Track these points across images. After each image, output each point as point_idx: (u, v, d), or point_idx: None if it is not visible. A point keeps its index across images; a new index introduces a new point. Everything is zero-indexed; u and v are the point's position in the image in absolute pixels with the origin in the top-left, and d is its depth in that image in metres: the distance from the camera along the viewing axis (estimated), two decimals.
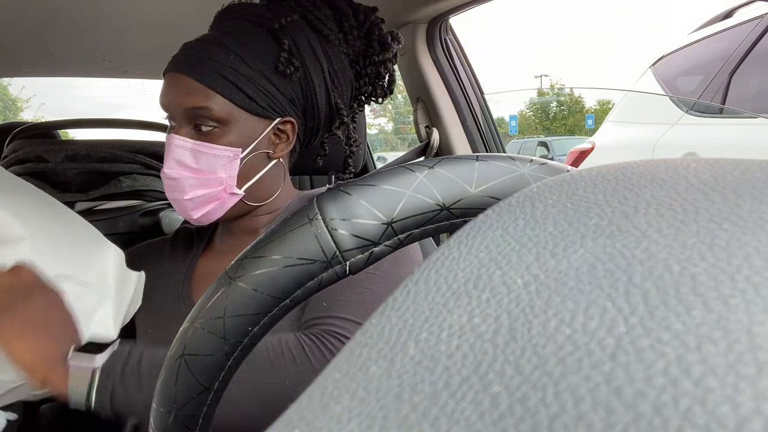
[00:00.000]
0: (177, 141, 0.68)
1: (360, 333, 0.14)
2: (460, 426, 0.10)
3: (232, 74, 0.67)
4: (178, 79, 0.68)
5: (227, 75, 0.67)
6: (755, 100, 2.15)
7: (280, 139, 0.74)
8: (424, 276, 0.15)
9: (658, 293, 0.10)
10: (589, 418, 0.09)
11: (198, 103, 0.67)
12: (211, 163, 0.68)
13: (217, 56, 0.67)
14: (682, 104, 2.44)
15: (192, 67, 0.67)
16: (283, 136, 0.74)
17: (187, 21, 1.17)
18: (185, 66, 0.67)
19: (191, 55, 0.68)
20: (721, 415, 0.08)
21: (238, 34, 0.69)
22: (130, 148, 1.53)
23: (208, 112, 0.67)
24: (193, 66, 0.67)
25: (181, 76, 0.67)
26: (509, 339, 0.11)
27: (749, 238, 0.11)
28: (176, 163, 0.68)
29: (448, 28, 1.23)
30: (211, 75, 0.67)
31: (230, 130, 0.68)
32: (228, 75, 0.67)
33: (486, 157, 0.28)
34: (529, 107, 25.36)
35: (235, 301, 0.27)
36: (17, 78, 1.86)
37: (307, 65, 0.71)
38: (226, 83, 0.67)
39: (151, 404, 0.30)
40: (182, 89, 0.67)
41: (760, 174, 0.14)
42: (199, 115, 0.67)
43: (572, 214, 0.14)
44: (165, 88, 0.69)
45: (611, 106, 6.50)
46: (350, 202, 0.27)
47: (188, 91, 0.67)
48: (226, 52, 0.67)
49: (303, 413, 0.13)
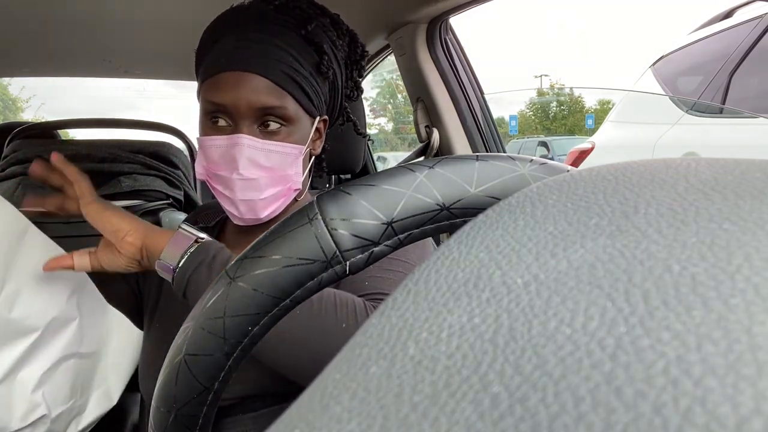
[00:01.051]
0: (248, 141, 0.68)
1: (360, 333, 0.14)
2: (460, 426, 0.10)
3: (296, 75, 0.69)
4: (248, 78, 0.68)
5: (293, 75, 0.69)
6: (755, 100, 2.15)
7: (316, 136, 0.78)
8: (424, 276, 0.15)
9: (658, 293, 0.10)
10: (589, 418, 0.09)
11: (273, 102, 0.68)
12: (282, 160, 0.70)
13: (281, 57, 0.69)
14: (682, 104, 2.44)
15: (265, 66, 0.68)
16: (317, 133, 0.78)
17: (188, 21, 1.17)
18: (256, 65, 0.68)
19: (258, 55, 0.68)
20: (721, 415, 0.08)
21: (282, 36, 0.70)
22: (130, 148, 1.53)
23: (282, 111, 0.69)
24: (265, 66, 0.68)
25: (252, 76, 0.67)
26: (509, 339, 0.11)
27: (749, 238, 0.11)
28: (250, 163, 0.69)
29: (448, 28, 1.23)
30: (281, 75, 0.68)
31: (295, 128, 0.71)
32: (294, 75, 0.69)
33: (486, 157, 0.28)
34: (529, 107, 25.36)
35: (235, 301, 0.27)
36: (17, 78, 1.86)
37: (333, 67, 0.74)
38: (294, 84, 0.69)
39: (152, 404, 0.30)
40: (255, 88, 0.67)
41: (760, 174, 0.14)
42: (270, 114, 0.69)
43: (572, 214, 0.14)
44: (229, 87, 0.68)
45: (611, 106, 6.50)
46: (350, 202, 0.27)
47: (263, 90, 0.68)
48: (286, 53, 0.69)
49: (303, 413, 0.13)
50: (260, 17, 0.72)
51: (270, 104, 0.68)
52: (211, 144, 0.69)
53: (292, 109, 0.69)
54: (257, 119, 0.69)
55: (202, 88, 0.71)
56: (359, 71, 0.84)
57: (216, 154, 0.69)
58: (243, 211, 0.71)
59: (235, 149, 0.68)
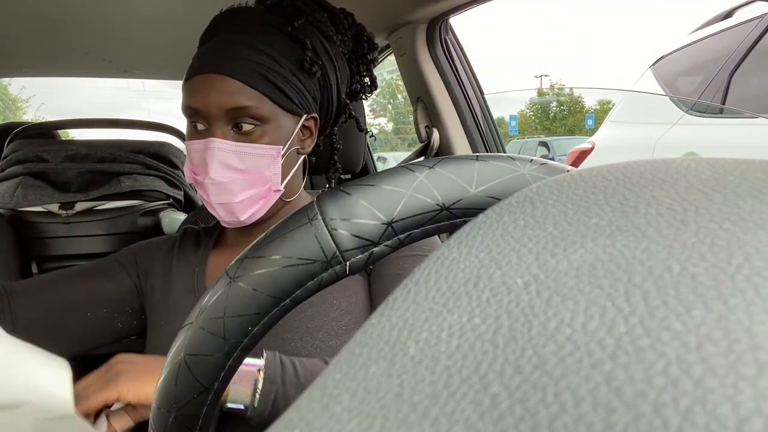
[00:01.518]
0: (219, 144, 0.67)
1: (360, 333, 0.14)
2: (460, 426, 0.10)
3: (270, 73, 0.68)
4: (216, 79, 0.67)
5: (266, 74, 0.68)
6: (755, 100, 2.15)
7: (305, 135, 0.77)
8: (424, 276, 0.15)
9: (658, 293, 0.10)
10: (589, 418, 0.09)
11: (242, 102, 0.67)
12: (257, 162, 0.69)
13: (253, 56, 0.68)
14: (682, 104, 2.44)
15: (233, 67, 0.67)
16: (306, 132, 0.77)
17: (187, 21, 1.17)
18: (224, 67, 0.67)
19: (228, 56, 0.68)
20: (721, 415, 0.08)
21: (259, 35, 0.70)
22: (130, 148, 1.53)
23: (253, 111, 0.68)
24: (233, 66, 0.67)
25: (220, 77, 0.67)
26: (509, 339, 0.11)
27: (749, 238, 0.11)
28: (222, 166, 0.68)
29: (448, 28, 1.23)
30: (252, 75, 0.68)
31: (271, 128, 0.70)
32: (267, 74, 0.68)
33: (486, 157, 0.28)
34: (529, 107, 25.36)
35: (235, 301, 0.27)
36: (17, 78, 1.86)
37: (324, 64, 0.74)
38: (267, 82, 0.68)
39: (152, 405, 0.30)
40: (224, 90, 0.67)
41: (760, 174, 0.14)
42: (242, 115, 0.68)
43: (572, 214, 0.14)
44: (200, 89, 0.68)
45: (611, 106, 6.49)
46: (350, 202, 0.27)
47: (231, 91, 0.67)
48: (259, 53, 0.68)
49: (303, 413, 0.13)
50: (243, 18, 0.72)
51: (240, 104, 0.67)
52: (192, 148, 0.70)
53: (266, 109, 0.68)
54: (230, 120, 0.68)
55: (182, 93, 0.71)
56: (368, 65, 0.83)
57: (196, 158, 0.70)
58: (222, 214, 0.71)
59: (207, 153, 0.68)
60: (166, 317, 0.76)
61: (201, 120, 0.69)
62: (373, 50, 0.83)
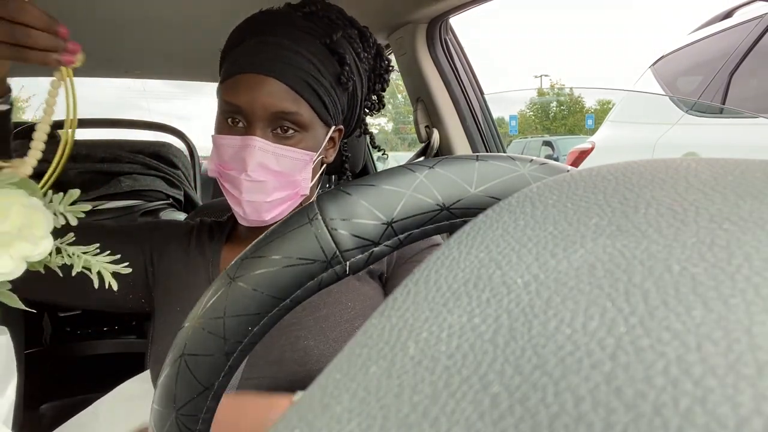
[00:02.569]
0: (260, 143, 0.69)
1: (360, 333, 0.14)
2: (460, 426, 0.10)
3: (315, 82, 0.70)
4: (265, 81, 0.68)
5: (311, 83, 0.70)
6: (755, 100, 2.15)
7: (329, 145, 0.79)
8: (424, 276, 0.15)
9: (658, 293, 0.10)
10: (589, 418, 0.09)
11: (289, 107, 0.69)
12: (292, 165, 0.71)
13: (300, 63, 0.69)
14: (682, 104, 2.44)
15: (283, 71, 0.68)
16: (331, 142, 0.79)
17: (188, 21, 1.17)
18: (275, 70, 0.68)
19: (277, 59, 0.69)
20: (721, 415, 0.08)
21: (305, 43, 0.71)
22: (130, 148, 1.53)
23: (296, 117, 0.69)
24: (284, 71, 0.68)
25: (269, 79, 0.68)
26: (509, 339, 0.11)
27: (749, 238, 0.11)
28: (259, 166, 0.69)
29: (448, 28, 1.23)
30: (299, 82, 0.69)
31: (307, 135, 0.72)
32: (312, 83, 0.70)
33: (486, 157, 0.28)
34: (529, 107, 25.36)
35: (235, 301, 0.27)
36: (17, 78, 1.86)
37: (355, 80, 0.76)
38: (311, 91, 0.70)
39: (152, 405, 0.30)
40: (272, 92, 0.68)
41: (760, 174, 0.14)
42: (285, 119, 0.69)
43: (572, 214, 0.14)
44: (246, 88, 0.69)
45: (611, 106, 6.47)
46: (350, 202, 0.27)
47: (279, 95, 0.68)
48: (306, 60, 0.70)
49: (303, 413, 0.13)
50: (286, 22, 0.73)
51: (285, 109, 0.69)
52: (224, 143, 0.70)
53: (306, 116, 0.70)
54: (271, 123, 0.70)
55: (221, 88, 0.71)
56: (382, 84, 0.85)
57: (228, 153, 0.70)
58: (248, 212, 0.72)
59: (246, 150, 0.68)
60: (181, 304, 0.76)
61: (240, 117, 0.70)
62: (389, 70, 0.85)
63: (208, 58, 1.50)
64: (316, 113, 0.71)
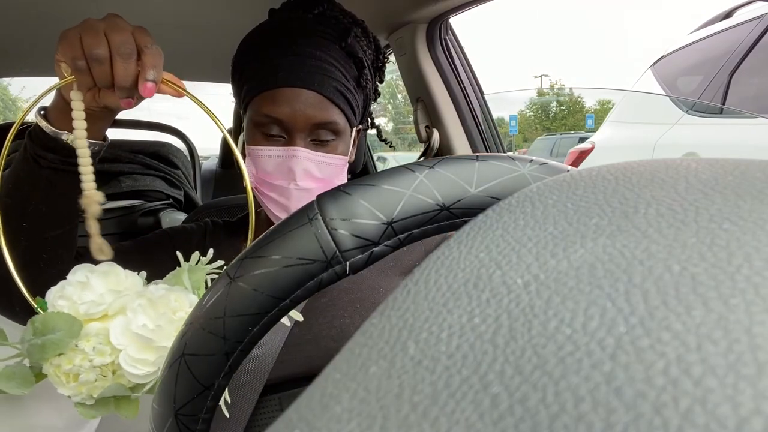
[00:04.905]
0: (304, 153, 0.71)
1: (360, 333, 0.14)
2: (460, 426, 0.10)
3: (344, 89, 0.73)
4: (304, 94, 0.71)
5: (343, 91, 0.72)
6: (755, 100, 2.15)
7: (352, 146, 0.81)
8: (424, 276, 0.15)
9: (658, 293, 0.10)
10: (589, 418, 0.09)
11: (328, 117, 0.71)
12: (331, 171, 0.74)
13: (333, 73, 0.72)
14: (682, 104, 2.44)
15: (320, 83, 0.71)
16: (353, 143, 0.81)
17: (188, 22, 1.17)
18: (313, 82, 0.71)
19: (313, 72, 0.71)
20: (721, 415, 0.08)
21: (329, 50, 0.73)
22: (129, 148, 1.53)
23: (334, 126, 0.72)
24: (321, 82, 0.71)
25: (307, 92, 0.71)
26: (509, 339, 0.11)
27: (749, 238, 0.11)
28: (306, 174, 0.72)
29: (448, 28, 1.23)
30: (335, 91, 0.72)
31: (342, 140, 0.75)
32: (343, 91, 0.72)
33: (486, 157, 0.28)
34: (529, 107, 25.36)
35: (235, 301, 0.27)
36: (17, 78, 1.86)
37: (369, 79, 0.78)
38: (344, 99, 0.73)
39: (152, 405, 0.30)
40: (312, 104, 0.71)
41: (760, 174, 0.14)
42: (325, 128, 0.72)
43: (572, 214, 0.14)
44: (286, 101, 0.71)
45: (611, 106, 6.49)
46: (350, 202, 0.27)
47: (319, 106, 0.71)
48: (336, 69, 0.72)
49: (303, 413, 0.13)
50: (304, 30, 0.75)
51: (325, 119, 0.71)
52: (266, 154, 0.72)
53: (341, 123, 0.73)
54: (311, 132, 0.72)
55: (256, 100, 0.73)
56: (380, 77, 0.87)
57: (270, 165, 0.72)
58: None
59: (292, 161, 0.71)
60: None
61: (280, 129, 0.72)
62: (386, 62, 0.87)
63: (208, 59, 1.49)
64: (347, 118, 0.74)
